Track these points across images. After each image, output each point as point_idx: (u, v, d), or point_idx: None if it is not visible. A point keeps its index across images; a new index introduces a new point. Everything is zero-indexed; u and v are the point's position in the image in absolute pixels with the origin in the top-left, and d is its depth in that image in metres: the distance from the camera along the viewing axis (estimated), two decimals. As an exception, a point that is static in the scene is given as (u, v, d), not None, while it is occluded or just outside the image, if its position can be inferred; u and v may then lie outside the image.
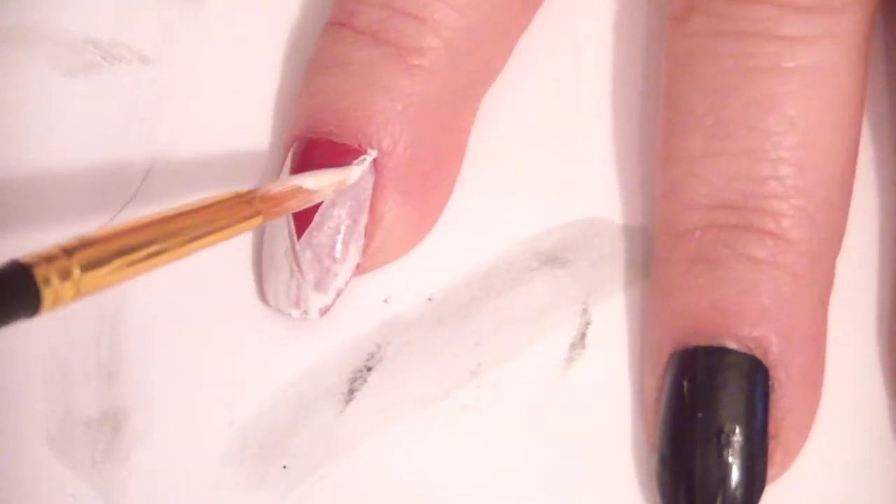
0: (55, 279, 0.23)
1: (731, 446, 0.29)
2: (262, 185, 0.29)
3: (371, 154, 0.31)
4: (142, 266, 0.25)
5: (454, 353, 0.32)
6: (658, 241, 0.31)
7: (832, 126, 0.30)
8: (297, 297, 0.31)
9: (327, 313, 0.31)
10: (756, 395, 0.29)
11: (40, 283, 0.23)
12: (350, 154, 0.31)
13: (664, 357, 0.30)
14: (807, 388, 0.30)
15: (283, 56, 0.34)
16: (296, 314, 0.31)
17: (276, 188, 0.29)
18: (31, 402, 0.32)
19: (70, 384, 0.32)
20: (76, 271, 0.24)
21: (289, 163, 0.31)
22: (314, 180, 0.30)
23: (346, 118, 0.31)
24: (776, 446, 0.30)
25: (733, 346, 0.29)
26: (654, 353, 0.31)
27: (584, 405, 0.32)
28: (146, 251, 0.25)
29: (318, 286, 0.31)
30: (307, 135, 0.31)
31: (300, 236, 0.31)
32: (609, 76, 0.34)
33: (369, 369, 0.32)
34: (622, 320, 0.32)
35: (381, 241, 0.32)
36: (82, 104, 0.34)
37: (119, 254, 0.25)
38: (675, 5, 0.31)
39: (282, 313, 0.32)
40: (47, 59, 0.34)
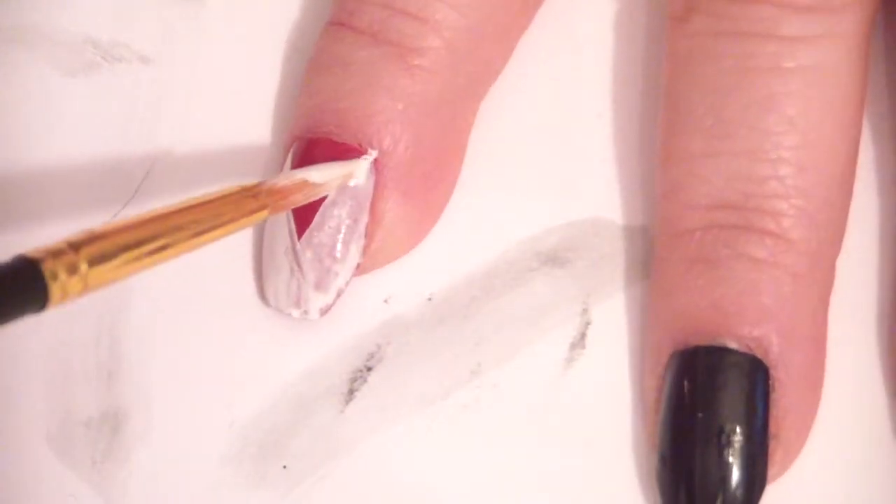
0: (62, 274, 0.23)
1: (732, 446, 0.29)
2: (267, 179, 0.29)
3: (372, 154, 0.31)
4: (149, 260, 0.25)
5: (454, 353, 0.32)
6: (658, 241, 0.31)
7: (832, 126, 0.30)
8: (297, 297, 0.31)
9: (327, 313, 0.31)
10: (756, 394, 0.29)
11: (48, 278, 0.23)
12: (350, 154, 0.31)
13: (664, 357, 0.30)
14: (807, 388, 0.30)
15: (283, 56, 0.34)
16: (296, 314, 0.31)
17: (282, 181, 0.29)
18: (31, 402, 0.32)
19: (70, 384, 0.32)
20: (83, 266, 0.24)
21: (289, 163, 0.31)
22: (320, 174, 0.30)
23: (347, 118, 0.31)
24: (776, 446, 0.30)
25: (734, 345, 0.29)
26: (654, 352, 0.31)
27: (584, 405, 0.32)
28: (153, 245, 0.25)
29: (318, 286, 0.31)
30: (307, 134, 0.31)
31: (301, 236, 0.31)
32: (609, 76, 0.34)
33: (369, 369, 0.32)
34: (622, 320, 0.32)
35: (381, 240, 0.32)
36: (82, 104, 0.34)
37: (126, 248, 0.25)
38: (675, 5, 0.31)
39: (282, 313, 0.32)
40: (47, 59, 0.34)
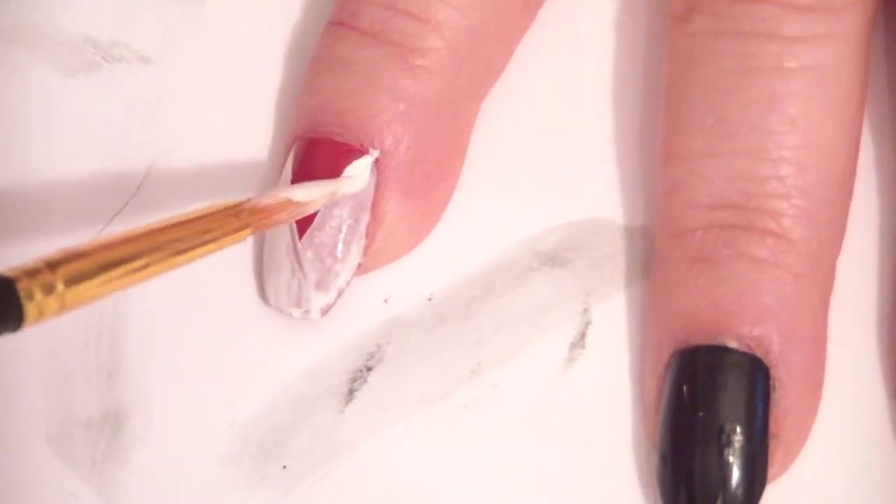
0: (38, 293, 0.23)
1: (732, 446, 0.29)
2: (251, 198, 0.29)
3: (373, 154, 0.31)
4: (128, 279, 0.25)
5: (454, 353, 0.32)
6: (659, 241, 0.31)
7: (833, 126, 0.30)
8: (298, 297, 0.31)
9: (328, 313, 0.31)
10: (757, 394, 0.29)
11: (23, 298, 0.23)
12: (352, 153, 0.31)
13: (665, 356, 0.30)
14: (807, 388, 0.30)
15: (283, 56, 0.34)
16: (297, 314, 0.31)
17: (265, 200, 0.29)
18: (31, 402, 0.32)
19: (70, 384, 0.32)
20: (60, 285, 0.24)
21: (290, 162, 0.31)
22: (304, 192, 0.30)
23: (348, 118, 0.31)
24: (777, 446, 0.30)
25: (734, 345, 0.29)
26: (654, 352, 0.31)
27: (584, 405, 0.32)
28: (132, 265, 0.25)
29: (319, 285, 0.31)
30: (308, 134, 0.31)
31: (302, 235, 0.31)
32: (610, 76, 0.34)
33: (369, 369, 0.32)
34: (622, 320, 0.32)
35: (382, 240, 0.32)
36: (82, 104, 0.34)
37: (104, 267, 0.25)
38: (676, 5, 0.31)
39: (282, 313, 0.32)
40: (47, 59, 0.34)
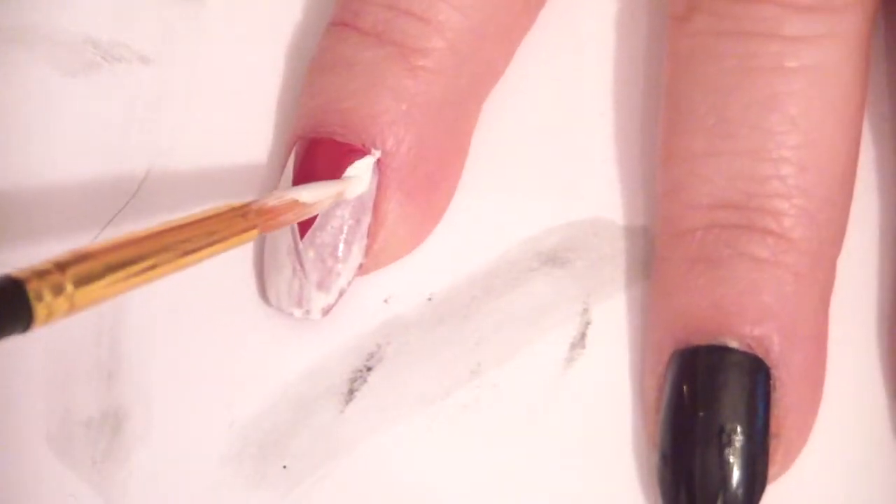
0: (48, 294, 0.23)
1: (733, 445, 0.29)
2: (258, 199, 0.29)
3: (375, 154, 0.31)
4: (136, 280, 0.25)
5: (454, 353, 0.32)
6: (659, 241, 0.31)
7: (834, 126, 0.30)
8: (299, 297, 0.31)
9: (329, 313, 0.31)
10: (757, 394, 0.29)
11: (32, 299, 0.23)
12: (353, 154, 0.31)
13: (665, 356, 0.30)
14: (808, 388, 0.30)
15: (283, 56, 0.34)
16: (298, 314, 0.31)
17: (272, 201, 0.29)
18: (31, 402, 0.32)
19: (70, 384, 0.32)
20: (69, 286, 0.23)
21: (291, 163, 0.31)
22: (310, 193, 0.30)
23: (351, 118, 0.31)
24: (777, 445, 0.30)
25: (734, 344, 0.29)
26: (655, 352, 0.31)
27: (584, 405, 0.32)
28: (140, 265, 0.25)
29: (320, 285, 0.31)
30: (310, 134, 0.31)
31: (303, 235, 0.31)
32: (610, 76, 0.34)
33: (369, 369, 0.32)
34: (622, 320, 0.32)
35: (384, 241, 0.32)
36: (82, 104, 0.34)
37: (113, 268, 0.24)
38: (676, 5, 0.31)
39: (283, 313, 0.32)
40: (47, 59, 0.34)
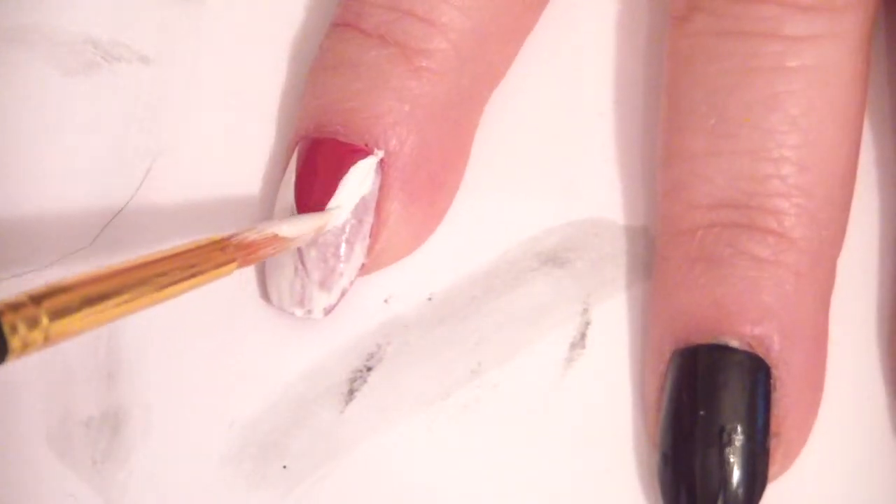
0: (22, 327, 0.23)
1: (733, 445, 0.29)
2: (237, 232, 0.29)
3: (378, 154, 0.31)
4: (113, 313, 0.25)
5: (454, 353, 0.32)
6: (660, 240, 0.31)
7: (834, 125, 0.30)
8: (301, 297, 0.31)
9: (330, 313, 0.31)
10: (758, 393, 0.29)
11: (7, 332, 0.23)
12: (356, 154, 0.31)
13: (666, 355, 0.30)
14: (808, 387, 0.30)
15: (283, 56, 0.34)
16: (299, 313, 0.31)
17: (251, 236, 0.29)
18: (31, 402, 0.32)
19: (70, 384, 0.32)
20: (45, 319, 0.23)
21: (293, 163, 0.31)
22: (290, 227, 0.30)
23: (353, 118, 0.31)
24: (777, 445, 0.30)
25: (735, 344, 0.29)
26: (655, 351, 0.31)
27: (584, 405, 0.32)
28: (117, 299, 0.25)
29: (322, 285, 0.31)
30: (313, 134, 0.31)
31: (305, 235, 0.31)
32: (611, 75, 0.34)
33: (369, 369, 0.32)
34: (622, 320, 0.32)
35: (386, 241, 0.32)
36: (82, 104, 0.34)
37: (89, 302, 0.24)
38: (677, 4, 0.31)
39: (284, 313, 0.32)
40: (47, 59, 0.34)
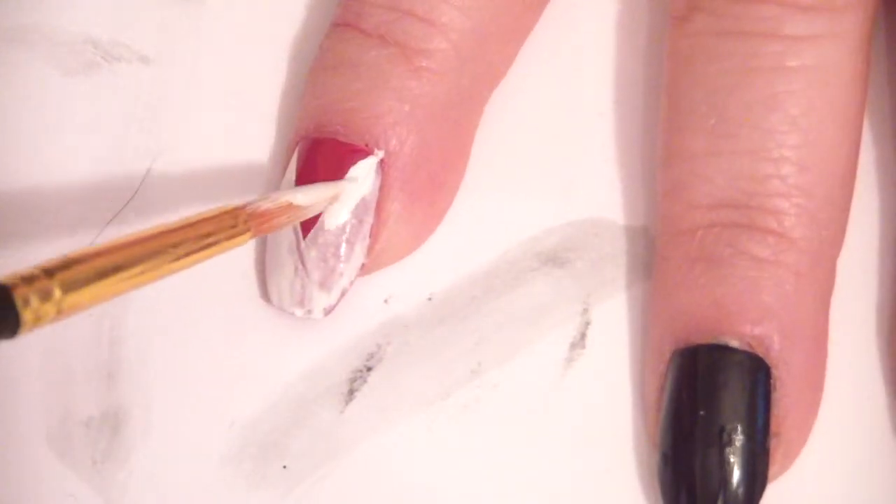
0: (35, 300, 0.23)
1: (733, 445, 0.29)
2: (251, 201, 0.29)
3: (378, 154, 0.31)
4: (126, 284, 0.25)
5: (454, 353, 0.32)
6: (660, 240, 0.31)
7: (834, 125, 0.30)
8: (301, 297, 0.31)
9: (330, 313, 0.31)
10: (758, 393, 0.29)
11: (19, 305, 0.23)
12: (356, 154, 0.31)
13: (666, 355, 0.30)
14: (808, 387, 0.30)
15: (283, 56, 0.34)
16: (300, 313, 0.31)
17: (265, 204, 0.29)
18: (31, 402, 0.32)
19: (70, 384, 0.32)
20: (57, 292, 0.23)
21: (293, 162, 0.31)
22: (305, 196, 0.30)
23: (354, 118, 0.31)
24: (777, 445, 0.30)
25: (735, 344, 0.29)
26: (655, 351, 0.31)
27: (584, 405, 0.32)
28: (130, 271, 0.25)
29: (322, 285, 0.31)
30: (313, 134, 0.31)
31: (305, 234, 0.31)
32: (611, 75, 0.34)
33: (369, 369, 0.32)
34: (622, 320, 0.32)
35: (386, 241, 0.32)
36: (82, 104, 0.34)
37: (102, 274, 0.24)
38: (677, 4, 0.31)
39: (284, 313, 0.32)
40: (47, 59, 0.34)
